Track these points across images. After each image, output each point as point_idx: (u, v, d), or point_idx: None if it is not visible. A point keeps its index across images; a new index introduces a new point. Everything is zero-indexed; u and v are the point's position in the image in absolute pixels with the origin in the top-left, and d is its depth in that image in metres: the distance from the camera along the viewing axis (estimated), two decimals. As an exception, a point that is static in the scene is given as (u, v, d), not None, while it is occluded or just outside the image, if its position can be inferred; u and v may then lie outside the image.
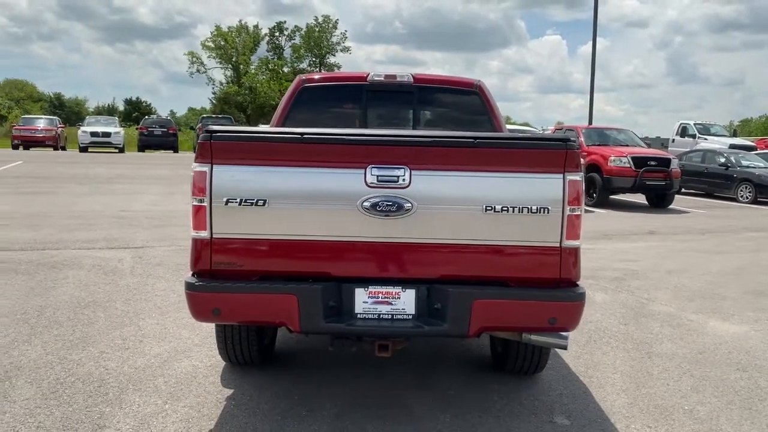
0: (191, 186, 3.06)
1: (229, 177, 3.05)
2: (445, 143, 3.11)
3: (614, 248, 9.18)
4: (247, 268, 3.12)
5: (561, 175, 3.04)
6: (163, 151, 31.62)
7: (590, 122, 24.97)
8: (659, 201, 15.34)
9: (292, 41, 57.80)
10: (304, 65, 56.06)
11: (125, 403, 3.51)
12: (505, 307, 3.07)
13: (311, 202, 3.04)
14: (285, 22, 62.16)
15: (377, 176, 3.02)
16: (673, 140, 25.86)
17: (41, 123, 29.93)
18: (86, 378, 3.82)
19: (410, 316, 3.12)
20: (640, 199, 15.77)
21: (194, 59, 54.83)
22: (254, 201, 3.03)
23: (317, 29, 56.74)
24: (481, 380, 3.98)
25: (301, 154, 3.07)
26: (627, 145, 16.19)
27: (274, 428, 3.27)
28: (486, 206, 3.02)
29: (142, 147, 31.02)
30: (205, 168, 3.05)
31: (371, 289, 3.11)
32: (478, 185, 3.04)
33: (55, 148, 28.99)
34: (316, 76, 4.93)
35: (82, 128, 28.78)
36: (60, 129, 30.26)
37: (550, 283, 3.11)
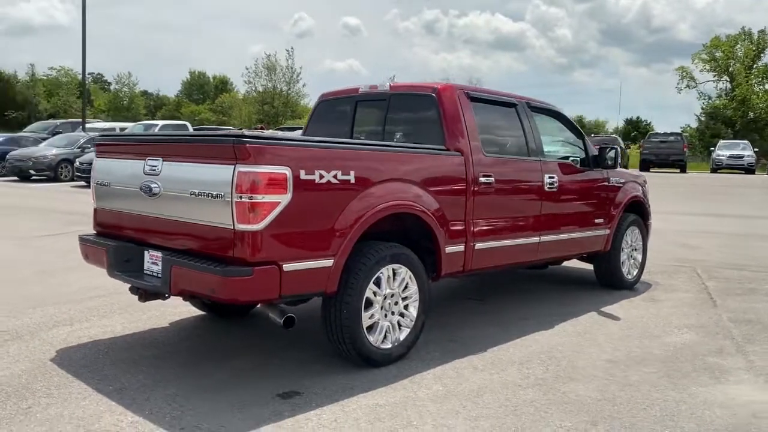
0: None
1: (98, 166, 4.52)
2: (172, 140, 3.94)
3: None
4: (105, 230, 4.54)
5: (232, 166, 3.51)
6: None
7: None
8: None
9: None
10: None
11: (101, 318, 5.24)
12: (186, 274, 3.70)
13: (124, 184, 4.26)
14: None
15: (149, 166, 4.04)
16: None
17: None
18: (104, 302, 5.66)
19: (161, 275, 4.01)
20: None
21: (684, 74, 52.62)
22: (104, 182, 4.44)
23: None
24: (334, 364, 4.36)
25: (124, 150, 4.33)
26: None
27: (134, 357, 4.55)
28: (191, 191, 3.73)
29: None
30: (94, 161, 4.59)
31: (150, 252, 4.13)
32: (189, 174, 3.77)
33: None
34: (329, 92, 5.78)
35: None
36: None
37: (230, 260, 3.58)
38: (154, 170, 3.98)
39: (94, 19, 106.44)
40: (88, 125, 26.65)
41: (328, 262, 3.84)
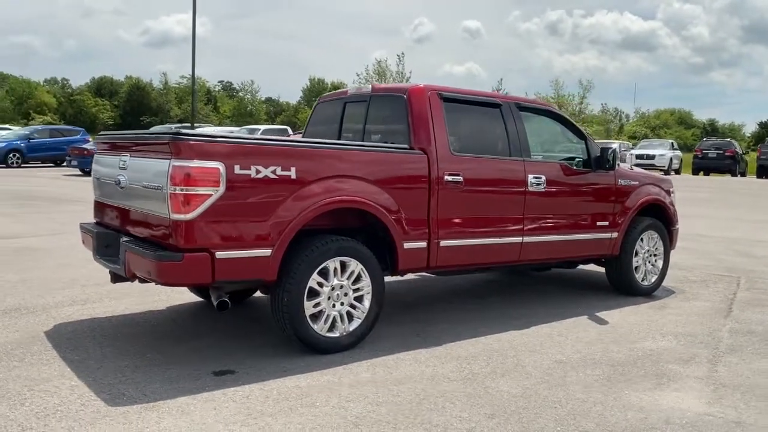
0: (95, 168, 5.20)
1: (94, 162, 5.07)
2: (135, 138, 4.35)
3: None
4: (98, 219, 5.07)
5: (168, 161, 3.88)
6: (718, 175, 30.06)
7: None
8: None
9: None
10: None
11: (112, 300, 5.81)
12: (133, 258, 4.10)
13: (107, 178, 4.76)
14: None
15: (122, 161, 4.52)
16: None
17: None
18: (125, 286, 6.15)
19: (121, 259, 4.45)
20: None
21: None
22: (98, 176, 4.97)
23: None
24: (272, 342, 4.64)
25: (112, 147, 4.83)
26: None
27: (119, 322, 5.06)
28: (143, 184, 4.15)
29: (696, 170, 30.23)
30: (94, 157, 5.16)
31: (124, 238, 4.58)
32: (143, 168, 4.19)
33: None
34: (325, 94, 6.07)
35: (631, 151, 30.27)
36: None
37: (169, 247, 3.95)
38: (124, 165, 4.44)
39: (230, 30, 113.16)
40: (198, 129, 28.57)
41: (266, 252, 4.11)
